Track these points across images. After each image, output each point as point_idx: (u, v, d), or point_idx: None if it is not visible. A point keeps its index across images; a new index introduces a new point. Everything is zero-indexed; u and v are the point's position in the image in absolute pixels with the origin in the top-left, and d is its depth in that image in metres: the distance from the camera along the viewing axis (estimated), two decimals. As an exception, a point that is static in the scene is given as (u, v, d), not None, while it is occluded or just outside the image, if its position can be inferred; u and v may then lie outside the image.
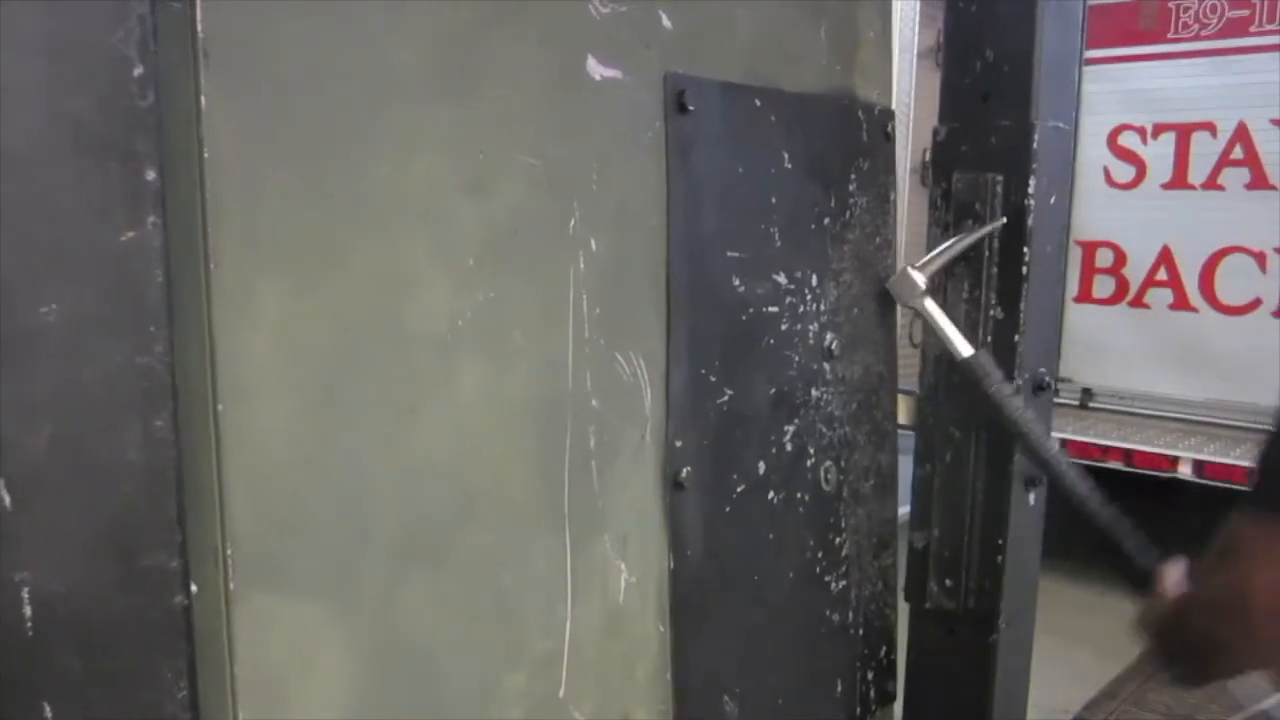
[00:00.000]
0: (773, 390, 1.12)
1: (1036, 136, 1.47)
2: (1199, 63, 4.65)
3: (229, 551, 0.71)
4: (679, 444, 1.03)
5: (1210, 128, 4.59)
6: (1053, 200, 1.54)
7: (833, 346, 1.17)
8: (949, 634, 1.66)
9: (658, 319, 1.00)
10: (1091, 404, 4.97)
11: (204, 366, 0.68)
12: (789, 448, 1.14)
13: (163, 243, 0.60)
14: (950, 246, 1.24)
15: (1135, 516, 1.29)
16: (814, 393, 1.17)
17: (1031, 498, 1.64)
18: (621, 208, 0.96)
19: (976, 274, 1.53)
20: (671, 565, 1.04)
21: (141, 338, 0.60)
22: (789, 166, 1.12)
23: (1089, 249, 4.95)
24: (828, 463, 1.20)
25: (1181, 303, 4.74)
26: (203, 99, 0.66)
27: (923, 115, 4.99)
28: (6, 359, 0.56)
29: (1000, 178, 1.49)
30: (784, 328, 1.12)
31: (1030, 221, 1.48)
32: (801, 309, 1.14)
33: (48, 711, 0.59)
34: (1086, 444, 4.43)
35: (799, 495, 1.16)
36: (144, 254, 0.60)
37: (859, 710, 1.28)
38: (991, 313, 1.52)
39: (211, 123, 0.67)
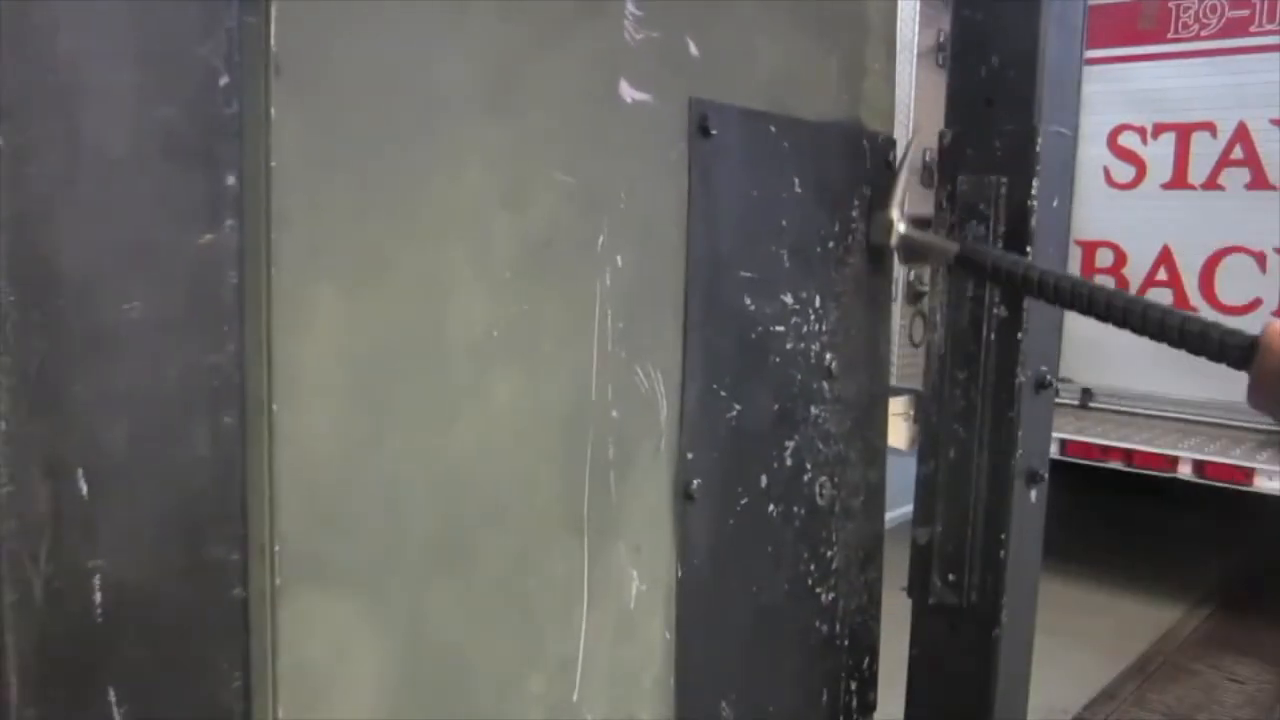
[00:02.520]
0: (776, 406, 1.16)
1: (1039, 141, 1.50)
2: (1199, 63, 4.66)
3: (277, 548, 0.73)
4: (690, 456, 1.06)
5: (1210, 128, 4.61)
6: (1055, 203, 1.57)
7: (832, 366, 1.21)
8: (951, 629, 1.69)
9: (675, 334, 1.04)
10: (1091, 404, 4.99)
11: (261, 367, 0.71)
12: (789, 462, 1.18)
13: (238, 246, 0.63)
14: (898, 184, 1.28)
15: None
16: (813, 410, 1.21)
17: (1033, 494, 1.67)
18: (646, 226, 1.00)
19: (979, 275, 1.55)
20: (679, 574, 1.07)
21: (215, 337, 0.63)
22: (799, 191, 1.16)
23: (1089, 249, 4.97)
24: (823, 478, 1.23)
25: (1181, 303, 4.75)
26: (273, 110, 0.68)
27: (923, 115, 5.01)
28: (91, 353, 0.59)
29: (1004, 180, 1.52)
30: (789, 346, 1.16)
31: (1033, 223, 1.51)
32: (805, 329, 1.18)
33: (111, 695, 0.62)
34: (1086, 444, 4.44)
35: (796, 509, 1.20)
36: (221, 256, 0.62)
37: (842, 719, 1.31)
38: (995, 311, 1.55)
39: (280, 132, 0.70)
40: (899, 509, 5.91)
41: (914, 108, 5.09)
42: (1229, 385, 4.80)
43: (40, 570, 0.59)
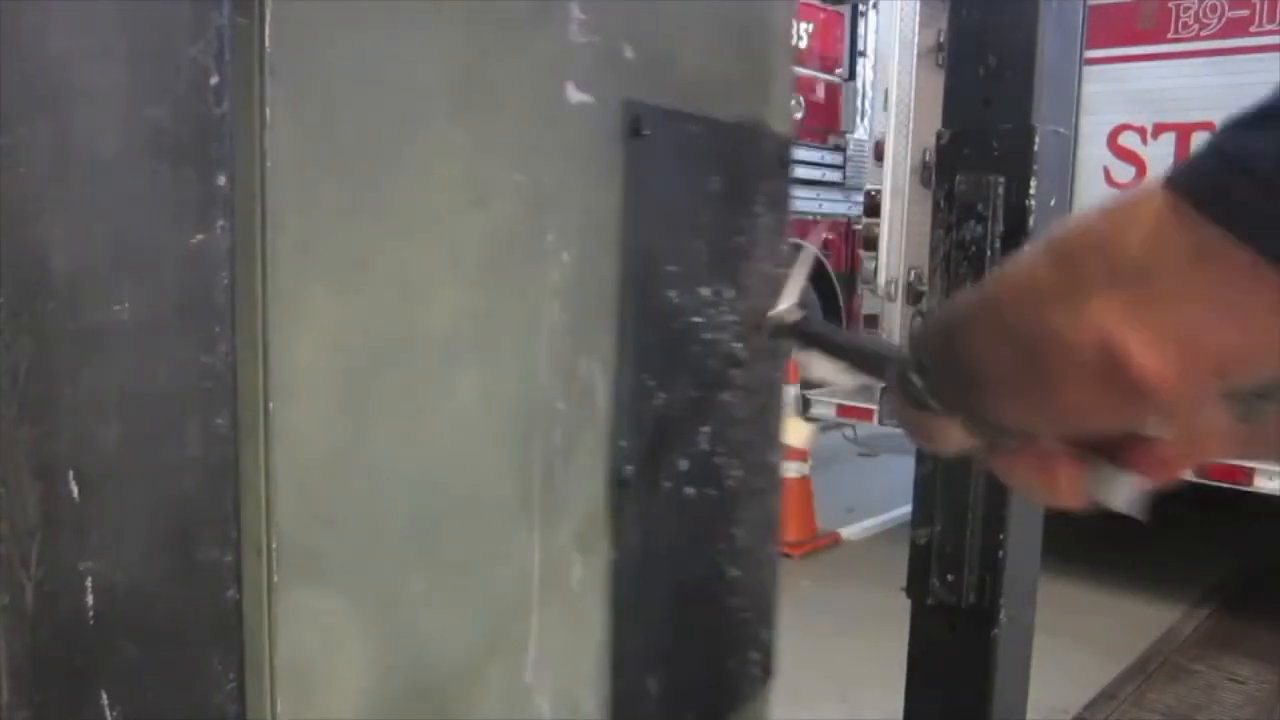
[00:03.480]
0: (695, 394, 1.22)
1: (1037, 140, 1.50)
2: (1199, 63, 4.66)
3: (274, 545, 0.74)
4: (623, 444, 1.10)
5: (1210, 128, 4.55)
6: (1053, 203, 1.57)
7: (741, 354, 1.27)
8: (950, 629, 1.69)
9: (611, 326, 1.08)
10: (1092, 403, 4.98)
11: (257, 366, 0.71)
12: (704, 447, 1.23)
13: (230, 246, 0.63)
14: (795, 277, 1.31)
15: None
16: (724, 397, 1.26)
17: (1032, 495, 1.67)
18: (587, 223, 1.04)
19: (979, 274, 1.55)
20: (614, 557, 1.12)
21: (206, 338, 0.63)
22: (715, 189, 1.22)
23: (1089, 249, 4.97)
24: (733, 461, 1.29)
25: (1181, 302, 4.74)
26: (267, 111, 0.69)
27: (922, 115, 5.02)
28: (80, 355, 0.59)
29: (1002, 180, 1.52)
30: (706, 336, 1.22)
31: (1031, 223, 1.51)
32: (719, 319, 1.23)
33: (104, 699, 0.62)
34: (1087, 443, 4.43)
35: (709, 491, 1.26)
36: (212, 256, 0.63)
37: (748, 686, 1.39)
38: (993, 313, 1.55)
39: (274, 133, 0.70)
40: (898, 509, 5.93)
41: (914, 108, 5.10)
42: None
43: (31, 573, 0.59)
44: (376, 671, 0.87)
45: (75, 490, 0.59)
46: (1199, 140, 0.58)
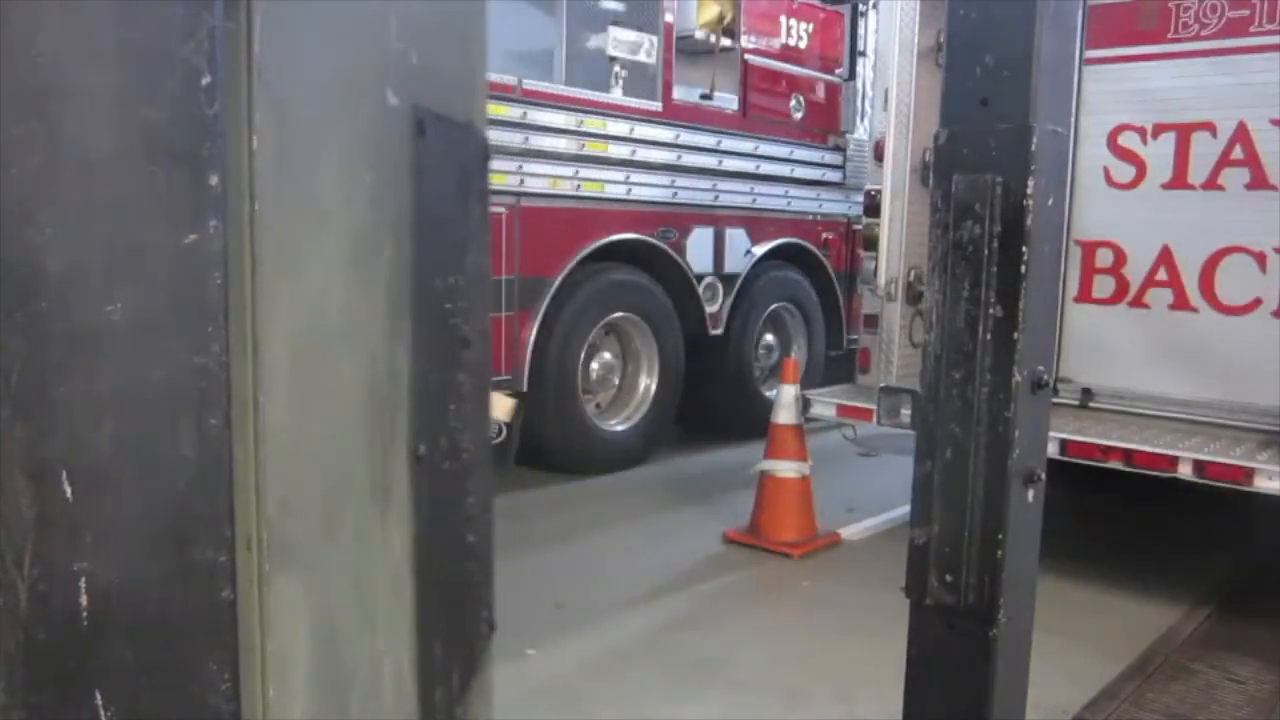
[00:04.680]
0: (450, 375, 1.34)
1: (1035, 139, 1.50)
2: (1199, 63, 4.66)
3: (263, 536, 0.75)
4: (418, 424, 1.21)
5: (1210, 128, 4.60)
6: (1050, 202, 1.57)
7: (468, 337, 1.37)
8: (949, 629, 1.69)
9: (409, 316, 1.17)
10: (1091, 404, 4.98)
11: (246, 361, 0.72)
12: (452, 424, 1.34)
13: (222, 246, 0.63)
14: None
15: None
16: (460, 377, 1.37)
17: (1030, 494, 1.67)
18: (399, 219, 1.12)
19: (976, 273, 1.55)
20: (414, 529, 1.21)
21: (199, 338, 0.63)
22: (454, 185, 1.32)
23: (1089, 249, 4.97)
24: (467, 435, 1.38)
25: (1181, 303, 4.75)
26: (255, 114, 0.69)
27: (922, 115, 5.01)
28: (74, 355, 0.59)
29: (1000, 179, 1.52)
30: (452, 321, 1.33)
31: (1029, 222, 1.51)
32: (459, 305, 1.34)
33: (98, 699, 0.62)
34: (1086, 444, 4.44)
35: (454, 464, 1.37)
36: (205, 256, 0.63)
37: (484, 639, 1.51)
38: (991, 311, 1.55)
39: (260, 133, 0.71)
40: (898, 509, 5.93)
41: (914, 108, 5.09)
42: (1229, 385, 4.78)
43: (25, 573, 0.59)
44: (323, 659, 0.93)
45: (69, 490, 0.59)
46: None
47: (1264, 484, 3.99)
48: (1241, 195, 4.56)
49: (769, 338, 8.03)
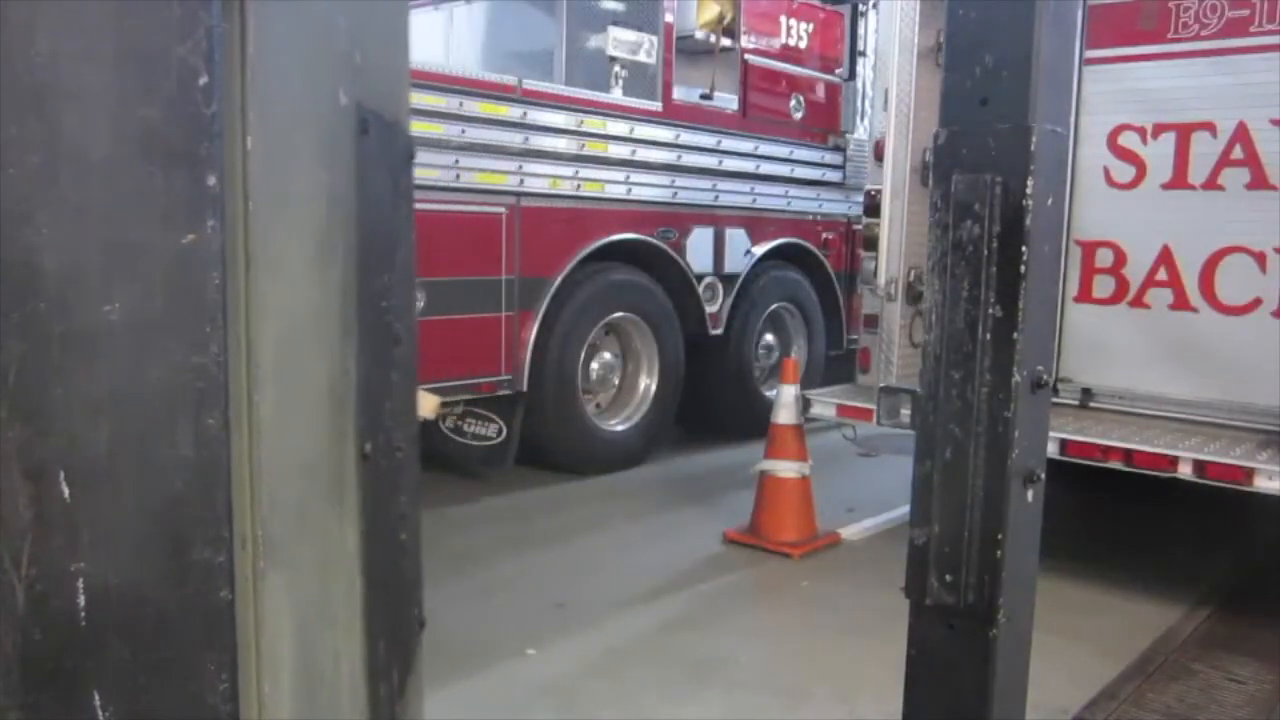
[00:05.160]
0: (383, 373, 1.34)
1: (1034, 139, 1.50)
2: (1199, 63, 4.65)
3: (259, 533, 0.75)
4: (363, 422, 1.22)
5: (1210, 128, 4.60)
6: (1050, 202, 1.57)
7: (400, 335, 1.39)
8: (949, 629, 1.69)
9: (355, 315, 1.18)
10: (1091, 404, 4.98)
11: (240, 363, 0.72)
12: (387, 421, 1.35)
13: (220, 246, 0.63)
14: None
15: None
16: (393, 375, 1.38)
17: (1030, 494, 1.67)
18: (347, 218, 1.13)
19: (976, 273, 1.55)
20: (360, 528, 1.22)
21: (197, 338, 0.63)
22: (389, 182, 1.33)
23: (1089, 249, 4.97)
24: (399, 433, 1.40)
25: (1181, 303, 4.75)
26: (250, 113, 0.69)
27: (922, 115, 5.01)
28: (72, 355, 0.59)
29: (999, 179, 1.52)
30: (386, 319, 1.34)
31: (1028, 222, 1.50)
32: (393, 303, 1.36)
33: (97, 699, 0.62)
34: (1086, 444, 4.43)
35: (389, 462, 1.38)
36: (203, 256, 0.63)
37: (416, 632, 1.53)
38: (990, 310, 1.55)
39: (254, 133, 0.71)
40: (898, 509, 5.94)
41: (914, 108, 5.09)
42: (1229, 385, 4.78)
43: (22, 573, 0.59)
44: (306, 649, 0.94)
45: (66, 491, 0.59)
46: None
47: (1264, 484, 3.99)
48: (1241, 195, 4.56)
49: (769, 338, 8.03)
